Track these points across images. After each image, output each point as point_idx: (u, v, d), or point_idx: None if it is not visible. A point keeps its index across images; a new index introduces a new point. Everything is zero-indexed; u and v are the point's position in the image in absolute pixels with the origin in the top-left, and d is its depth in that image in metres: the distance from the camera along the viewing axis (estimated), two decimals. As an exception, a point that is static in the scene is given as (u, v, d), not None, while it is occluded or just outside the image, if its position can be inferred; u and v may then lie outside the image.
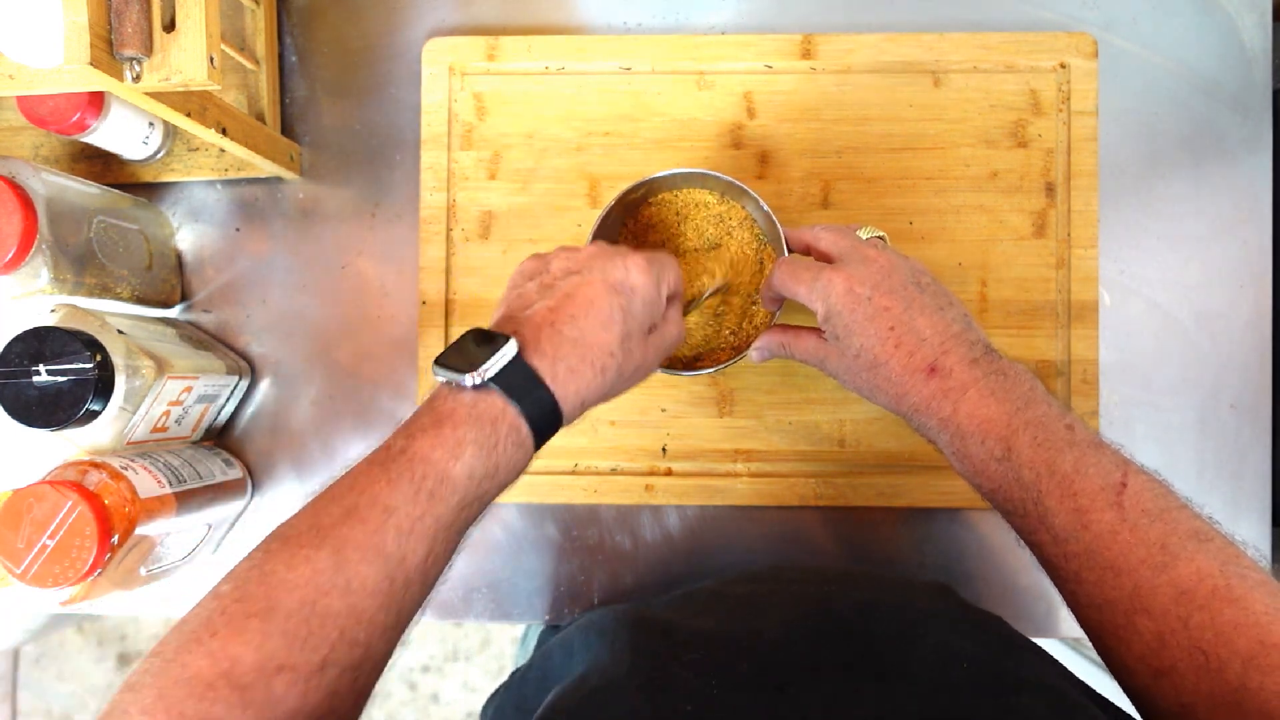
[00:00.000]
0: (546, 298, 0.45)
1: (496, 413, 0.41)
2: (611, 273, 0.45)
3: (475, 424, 0.40)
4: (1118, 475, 0.42)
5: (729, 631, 0.48)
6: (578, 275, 0.45)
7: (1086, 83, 0.63)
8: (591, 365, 0.43)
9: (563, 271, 0.46)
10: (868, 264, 0.49)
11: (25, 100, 0.56)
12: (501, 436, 0.41)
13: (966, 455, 0.45)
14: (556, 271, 0.46)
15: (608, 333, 0.44)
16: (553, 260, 0.47)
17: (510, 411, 0.41)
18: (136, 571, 0.56)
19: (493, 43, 0.64)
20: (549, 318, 0.43)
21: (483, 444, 0.40)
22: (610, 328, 0.44)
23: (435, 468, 0.39)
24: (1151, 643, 0.39)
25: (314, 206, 0.67)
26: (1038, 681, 0.43)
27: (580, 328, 0.43)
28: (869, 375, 0.48)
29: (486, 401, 0.41)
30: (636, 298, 0.45)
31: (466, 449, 0.40)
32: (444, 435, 0.40)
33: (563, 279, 0.46)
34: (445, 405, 0.41)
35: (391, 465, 0.39)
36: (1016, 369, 0.46)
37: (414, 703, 1.57)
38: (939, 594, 0.56)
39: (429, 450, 0.39)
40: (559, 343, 0.43)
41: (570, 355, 0.43)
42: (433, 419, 0.41)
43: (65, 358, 0.51)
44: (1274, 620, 0.37)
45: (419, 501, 0.38)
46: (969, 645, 0.46)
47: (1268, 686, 0.35)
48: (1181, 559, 0.39)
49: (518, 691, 0.59)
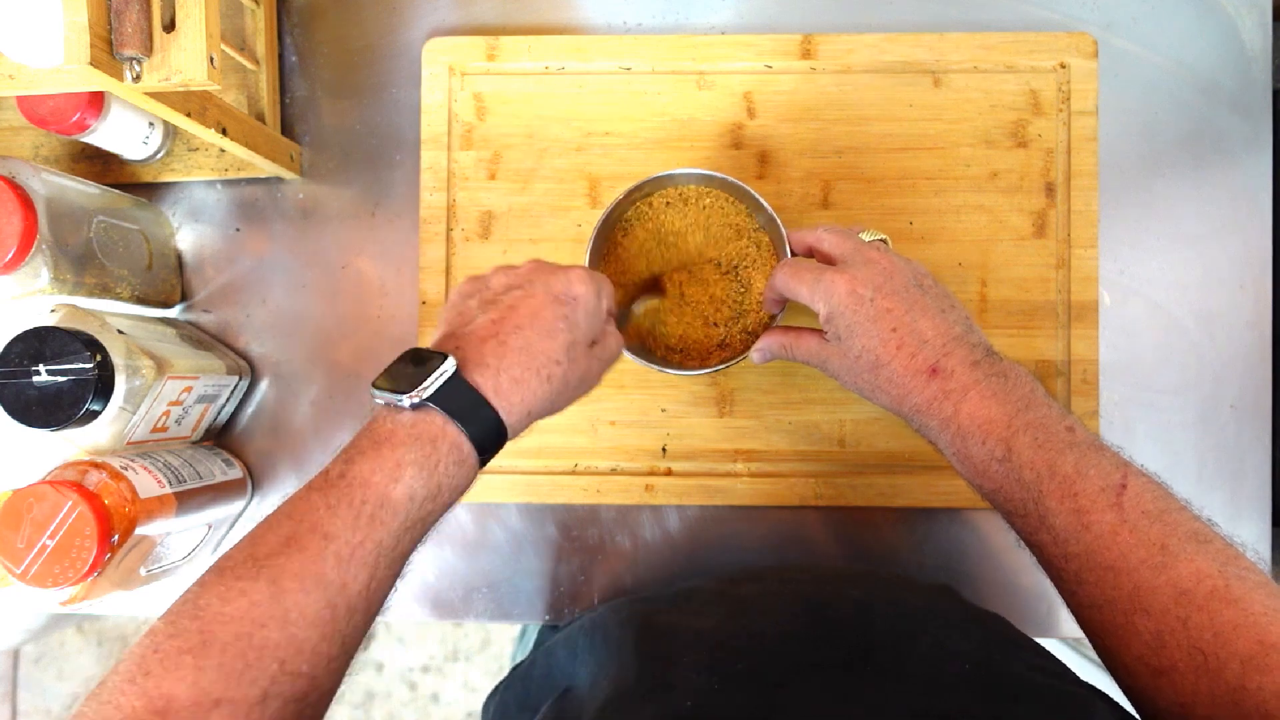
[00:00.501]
0: (489, 312, 0.44)
1: (436, 432, 0.40)
2: (554, 284, 0.46)
3: (414, 445, 0.40)
4: (1118, 477, 0.42)
5: (729, 631, 0.48)
6: (519, 290, 0.45)
7: (1086, 83, 0.63)
8: (537, 374, 0.43)
9: (504, 287, 0.46)
10: (870, 266, 0.49)
11: (25, 100, 0.56)
12: (443, 456, 0.40)
13: (967, 456, 0.46)
14: (497, 287, 0.46)
15: (553, 340, 0.44)
16: (491, 278, 0.47)
17: (450, 429, 0.41)
18: (136, 571, 0.56)
19: (493, 43, 0.64)
20: (492, 330, 0.43)
21: (423, 465, 0.40)
22: (555, 336, 0.44)
23: (375, 491, 0.38)
24: (1151, 643, 0.39)
25: (314, 206, 0.67)
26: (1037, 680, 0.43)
27: (525, 337, 0.43)
28: (870, 376, 0.48)
29: (425, 421, 0.40)
30: (579, 307, 0.46)
31: (406, 470, 0.39)
32: (383, 457, 0.39)
33: (504, 294, 0.46)
34: (384, 427, 0.40)
35: (330, 491, 0.38)
36: (1017, 371, 0.47)
37: (414, 703, 1.57)
38: (939, 593, 0.56)
39: (368, 474, 0.39)
40: (503, 354, 0.43)
41: (515, 365, 0.43)
42: (371, 442, 0.40)
43: (65, 358, 0.51)
44: (1273, 621, 0.37)
45: (359, 527, 0.38)
46: (968, 644, 0.46)
47: (1266, 687, 0.35)
48: (1181, 560, 0.39)
49: (520, 688, 0.59)
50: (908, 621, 0.48)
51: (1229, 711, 0.36)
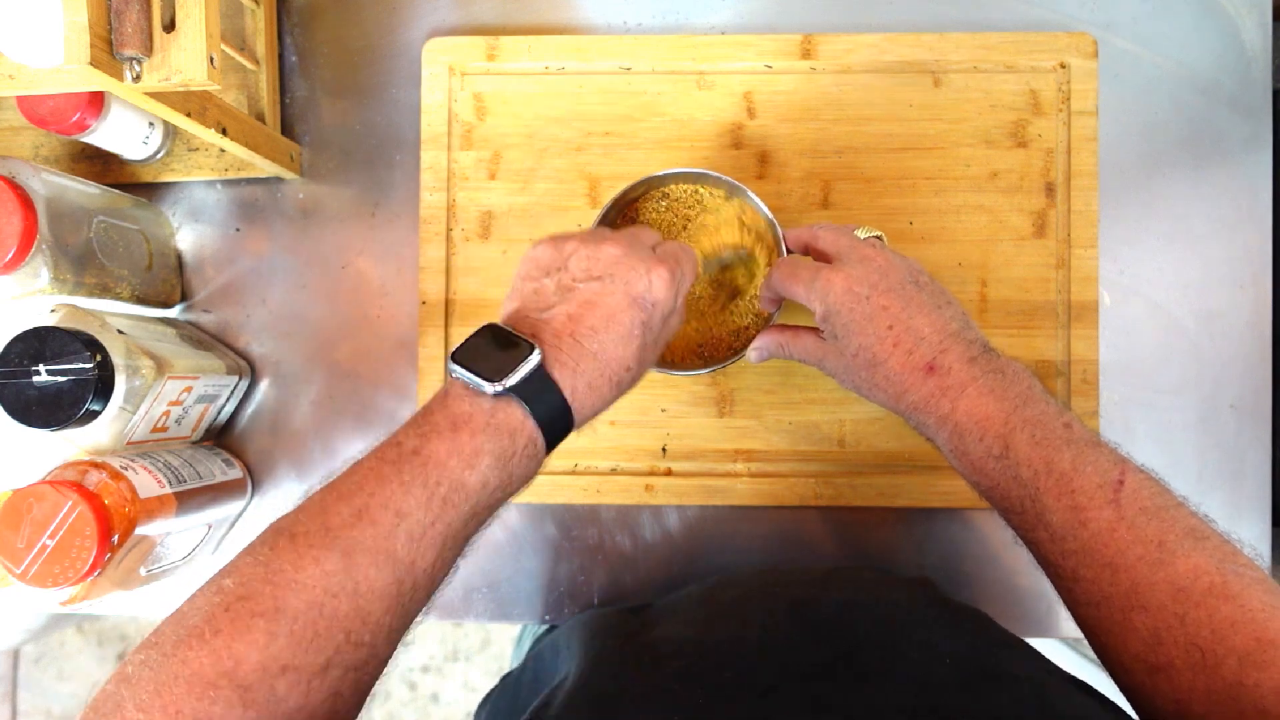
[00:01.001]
0: (566, 302, 0.43)
1: (516, 424, 0.40)
2: (635, 284, 0.44)
3: (494, 434, 0.39)
4: (1115, 473, 0.42)
5: (712, 639, 0.48)
6: (599, 282, 0.43)
7: (1086, 83, 0.63)
8: (609, 381, 0.43)
9: (584, 274, 0.44)
10: (866, 263, 0.49)
11: (25, 100, 0.56)
12: (519, 449, 0.40)
13: (964, 453, 0.46)
14: (577, 273, 0.44)
15: (626, 348, 0.43)
16: (571, 259, 0.45)
17: (530, 425, 0.40)
18: (136, 571, 0.56)
19: (493, 43, 0.64)
20: (569, 327, 0.42)
21: (500, 455, 0.39)
22: (629, 343, 0.43)
23: (450, 475, 0.38)
24: (1148, 639, 0.39)
25: (314, 206, 0.67)
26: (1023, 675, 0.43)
27: (601, 341, 0.42)
28: (868, 374, 0.48)
29: (506, 411, 0.40)
30: (657, 312, 0.44)
31: (484, 459, 0.39)
32: (461, 442, 0.39)
33: (584, 283, 0.44)
34: (462, 408, 0.40)
35: (405, 466, 0.38)
36: (1014, 367, 0.46)
37: (414, 703, 1.57)
38: (919, 589, 0.56)
39: (445, 456, 0.38)
40: (580, 355, 0.42)
41: (590, 370, 0.42)
42: (449, 422, 0.39)
43: (65, 358, 0.51)
44: (1270, 617, 0.37)
45: (431, 508, 0.38)
46: (951, 641, 0.46)
47: (1264, 683, 0.35)
48: (1178, 556, 0.39)
49: (511, 694, 0.59)
50: (890, 620, 0.48)
51: (1226, 708, 0.36)
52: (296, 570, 0.35)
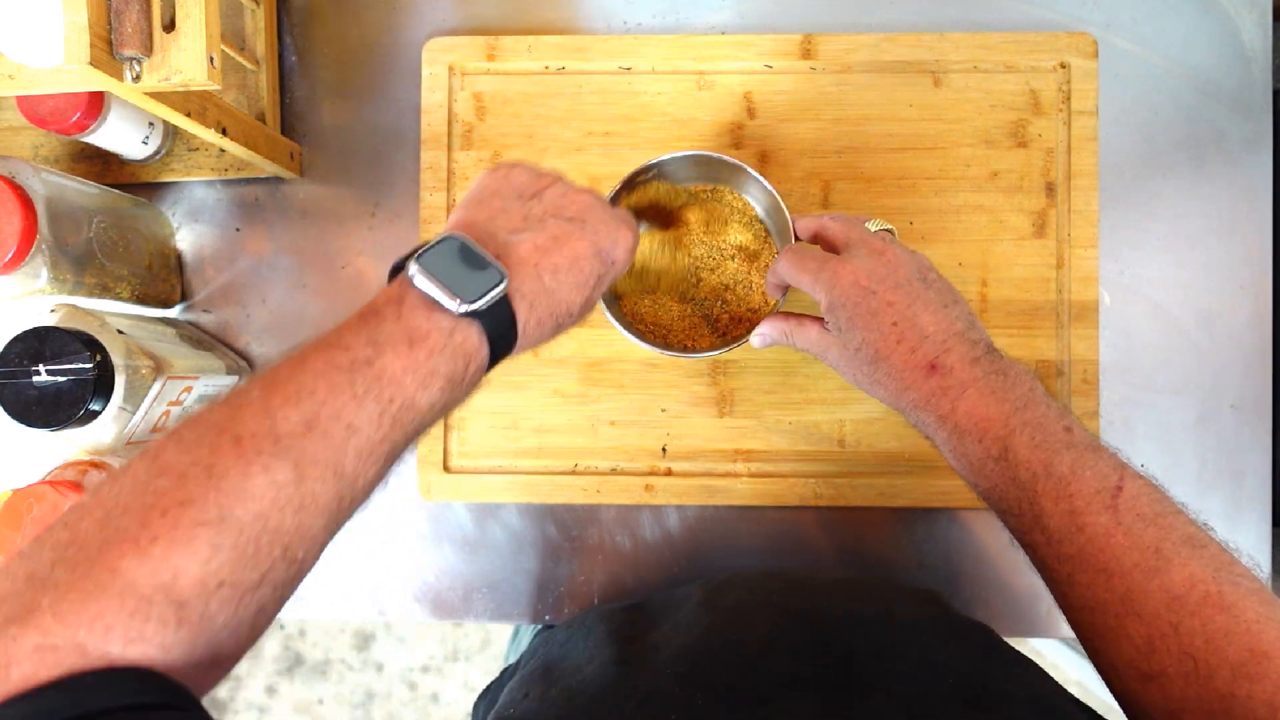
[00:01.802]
0: (535, 232, 0.42)
1: (471, 349, 0.38)
2: (603, 237, 0.43)
3: (450, 356, 0.38)
4: (1114, 479, 0.42)
5: (713, 644, 0.48)
6: (570, 223, 0.43)
7: (1086, 83, 0.63)
8: (554, 320, 0.42)
9: (557, 211, 0.43)
10: (874, 257, 0.48)
11: (25, 100, 0.56)
12: (469, 375, 0.39)
13: (963, 454, 0.46)
14: (549, 208, 0.43)
15: (578, 294, 0.42)
16: (549, 190, 0.44)
17: (484, 351, 0.39)
18: (136, 571, 0.56)
19: (493, 43, 0.64)
20: (534, 258, 0.41)
21: (451, 378, 0.38)
22: (582, 290, 0.43)
23: (404, 393, 0.36)
24: (1141, 647, 0.39)
25: (314, 206, 0.67)
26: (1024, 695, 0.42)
27: (560, 280, 0.41)
28: (870, 369, 0.48)
29: (464, 333, 0.38)
30: (612, 272, 0.44)
31: (438, 381, 0.37)
32: (417, 360, 0.37)
33: (556, 219, 0.43)
34: (419, 323, 0.37)
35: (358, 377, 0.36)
36: (1017, 369, 0.46)
37: (414, 703, 1.57)
38: (925, 602, 0.56)
39: (400, 373, 0.36)
40: (538, 290, 0.41)
41: (542, 306, 0.41)
42: (404, 335, 0.37)
43: (65, 358, 0.51)
44: (1265, 628, 0.37)
45: (383, 425, 0.36)
46: (953, 657, 0.46)
47: (1256, 695, 0.35)
48: (1174, 564, 0.39)
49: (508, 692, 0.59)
50: (893, 633, 0.48)
51: (1218, 719, 0.36)
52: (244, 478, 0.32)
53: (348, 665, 1.58)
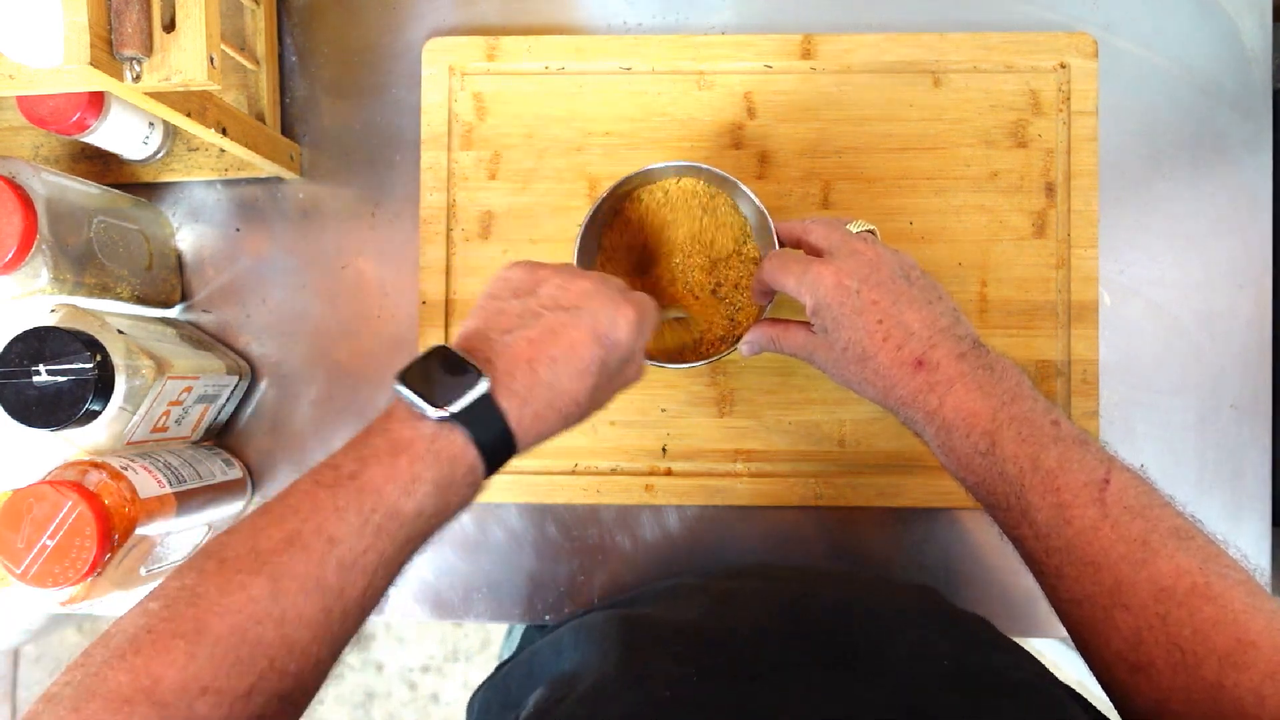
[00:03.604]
0: (529, 328, 0.42)
1: (457, 451, 0.39)
2: (601, 321, 0.43)
3: (433, 461, 0.38)
4: (1101, 472, 0.42)
5: (708, 624, 0.48)
6: (565, 313, 0.43)
7: (1086, 83, 0.63)
8: (558, 413, 0.42)
9: (553, 303, 0.43)
10: (856, 257, 0.48)
11: (25, 100, 0.56)
12: (458, 477, 0.39)
13: (951, 449, 0.46)
14: (546, 300, 0.44)
15: (580, 383, 0.42)
16: (544, 284, 0.44)
17: (470, 453, 0.39)
18: (136, 571, 0.56)
19: (493, 43, 0.64)
20: (527, 353, 0.41)
21: (438, 482, 0.38)
22: (584, 379, 0.42)
23: (386, 501, 0.37)
24: (1130, 638, 0.39)
25: (314, 206, 0.67)
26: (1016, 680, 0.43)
27: (556, 372, 0.41)
28: (857, 368, 0.48)
29: (448, 438, 0.39)
30: (616, 353, 0.44)
31: (422, 487, 0.38)
32: (399, 468, 0.38)
33: (552, 311, 0.43)
34: (403, 433, 0.39)
35: (340, 491, 0.37)
36: (1004, 364, 0.46)
37: (414, 703, 1.57)
38: (921, 594, 0.56)
39: (382, 482, 0.37)
40: (533, 384, 0.41)
41: (539, 400, 0.41)
42: (388, 446, 0.38)
43: (65, 358, 0.51)
44: (1252, 618, 0.37)
45: (365, 535, 0.37)
46: (949, 644, 0.46)
47: (1243, 684, 0.35)
48: (1162, 556, 0.39)
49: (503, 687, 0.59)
50: (888, 620, 0.48)
51: (1206, 708, 0.36)
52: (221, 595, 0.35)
53: (347, 665, 1.58)
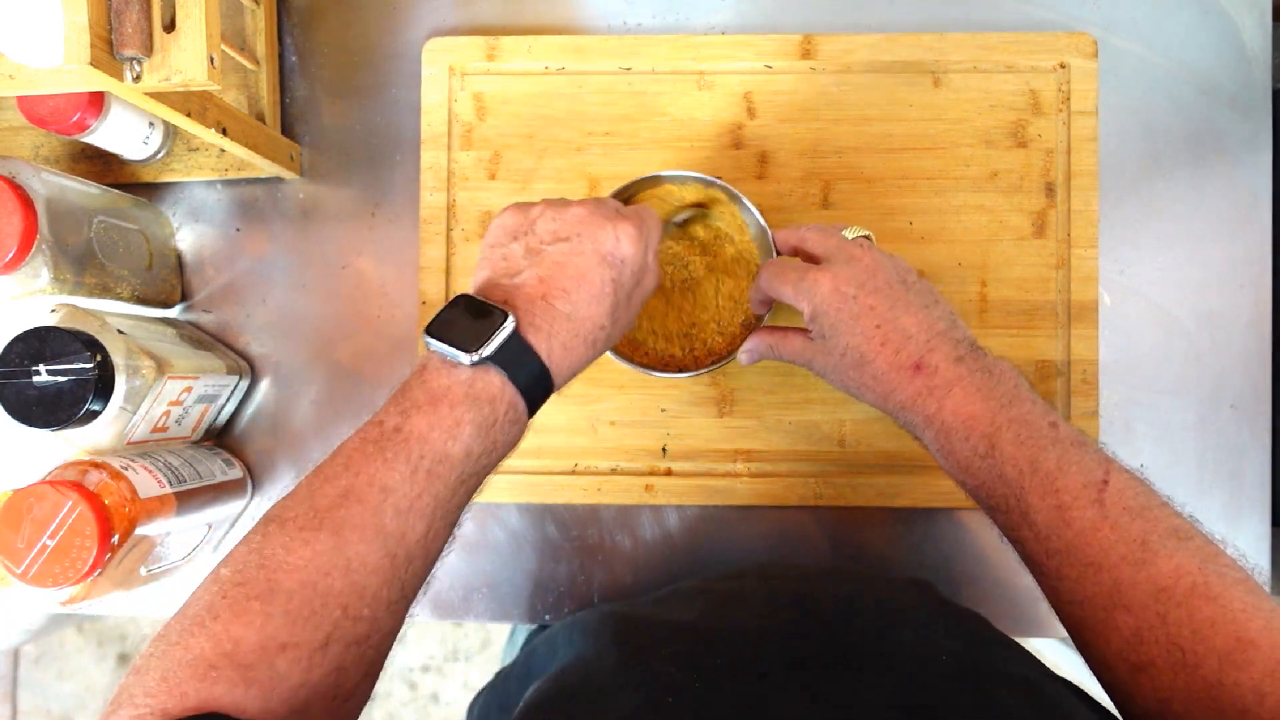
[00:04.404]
0: (535, 266, 0.43)
1: (495, 391, 0.40)
2: (603, 242, 0.44)
3: (473, 404, 0.40)
4: (1100, 473, 0.42)
5: (709, 625, 0.48)
6: (566, 243, 0.44)
7: (1086, 83, 0.63)
8: (584, 340, 0.43)
9: (551, 236, 0.45)
10: (853, 263, 0.49)
11: (25, 100, 0.56)
12: (500, 415, 0.41)
13: (950, 452, 0.46)
14: (544, 236, 0.45)
15: (599, 306, 0.43)
16: (538, 221, 0.45)
17: (509, 390, 0.41)
18: (136, 571, 0.56)
19: (493, 43, 0.64)
20: (540, 290, 0.43)
21: (481, 424, 0.40)
22: (602, 301, 0.44)
23: (433, 447, 0.39)
24: (1130, 638, 0.39)
25: (314, 206, 0.67)
26: (1017, 674, 0.43)
27: (573, 302, 0.43)
28: (856, 373, 0.49)
29: (484, 380, 0.40)
30: (627, 268, 0.45)
31: (465, 429, 0.39)
32: (441, 415, 0.39)
33: (551, 244, 0.44)
34: (440, 381, 0.40)
35: (387, 445, 0.39)
36: (1002, 366, 0.47)
37: (414, 703, 1.57)
38: (919, 590, 0.56)
39: (426, 430, 0.39)
40: (553, 318, 0.42)
41: (564, 332, 0.42)
42: (428, 397, 0.40)
43: (65, 358, 0.51)
44: (1251, 617, 0.37)
45: (416, 481, 0.38)
46: (948, 639, 0.47)
47: (1243, 682, 0.35)
48: (1161, 556, 0.39)
49: (501, 691, 0.59)
50: (889, 617, 0.48)
51: (1206, 707, 0.36)
52: (288, 553, 0.36)
53: (348, 665, 1.57)
